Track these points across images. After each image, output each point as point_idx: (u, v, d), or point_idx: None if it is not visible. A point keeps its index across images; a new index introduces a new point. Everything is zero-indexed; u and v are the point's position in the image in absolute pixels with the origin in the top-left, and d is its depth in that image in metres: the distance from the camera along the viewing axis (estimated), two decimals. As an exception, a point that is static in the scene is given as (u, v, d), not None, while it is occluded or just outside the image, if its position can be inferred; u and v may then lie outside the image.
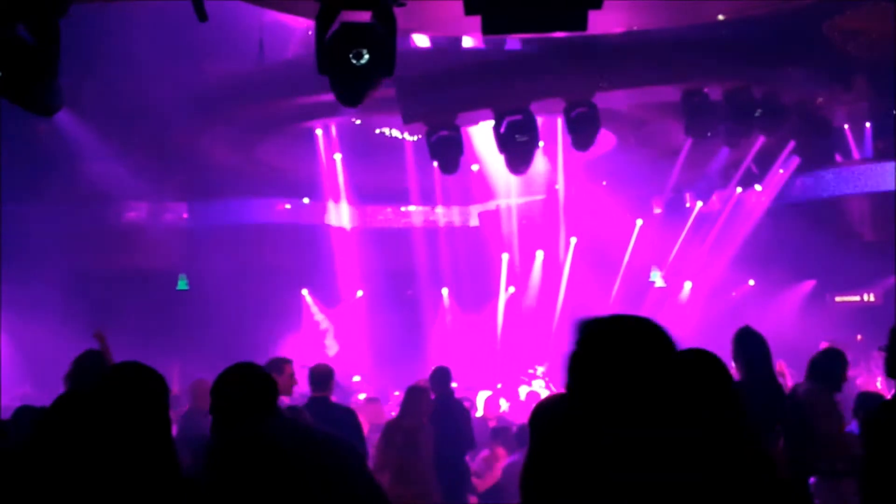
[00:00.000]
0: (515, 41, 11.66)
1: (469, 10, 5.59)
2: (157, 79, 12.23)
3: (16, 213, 14.03)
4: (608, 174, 17.76)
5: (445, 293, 19.57)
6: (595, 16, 5.69)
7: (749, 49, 11.55)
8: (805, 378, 6.23)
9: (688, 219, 18.59)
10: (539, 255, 19.65)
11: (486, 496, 8.75)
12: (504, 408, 12.74)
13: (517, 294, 19.51)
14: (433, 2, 8.07)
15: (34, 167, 14.12)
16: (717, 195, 18.48)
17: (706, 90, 11.91)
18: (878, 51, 12.13)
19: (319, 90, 8.84)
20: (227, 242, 17.30)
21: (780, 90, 12.56)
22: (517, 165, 11.49)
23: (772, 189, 17.50)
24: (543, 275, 19.59)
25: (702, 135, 12.40)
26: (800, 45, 11.88)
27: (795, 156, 16.28)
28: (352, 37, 5.78)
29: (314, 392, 7.08)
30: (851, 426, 6.38)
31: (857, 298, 18.13)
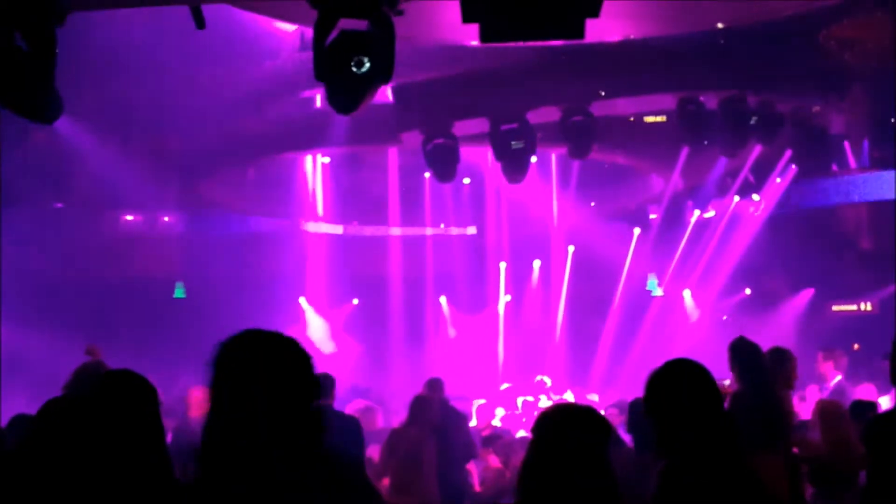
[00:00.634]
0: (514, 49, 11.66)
1: (467, 18, 5.59)
2: (155, 86, 12.22)
3: (9, 220, 13.93)
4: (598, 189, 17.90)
5: (444, 301, 19.54)
6: (593, 24, 5.70)
7: (745, 58, 11.56)
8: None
9: (685, 228, 18.59)
10: (536, 265, 19.64)
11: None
12: (498, 418, 12.68)
13: (514, 303, 19.47)
14: (431, 9, 8.08)
15: (28, 173, 14.03)
16: (715, 205, 18.48)
17: (701, 98, 11.93)
18: (875, 60, 12.15)
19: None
20: (225, 251, 17.26)
21: (776, 99, 12.58)
22: (513, 173, 11.50)
23: (768, 198, 17.49)
24: (541, 284, 19.58)
25: (697, 143, 12.42)
26: (796, 54, 11.90)
27: (792, 165, 16.29)
28: (353, 44, 5.80)
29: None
30: None
31: (854, 308, 18.10)
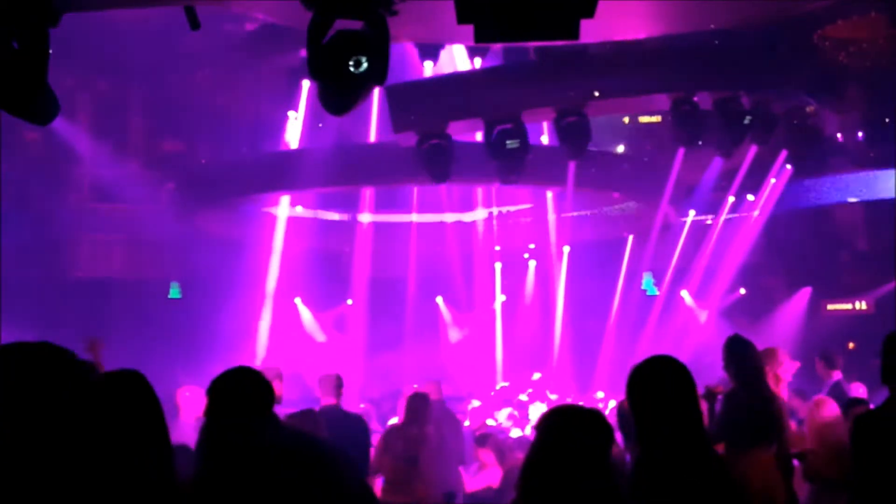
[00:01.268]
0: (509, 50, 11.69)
1: (461, 19, 5.60)
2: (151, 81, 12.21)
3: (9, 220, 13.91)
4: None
5: (440, 301, 19.54)
6: (587, 25, 5.71)
7: (740, 58, 11.58)
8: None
9: (682, 228, 18.62)
10: (532, 265, 19.65)
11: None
12: (505, 417, 12.71)
13: (510, 303, 19.48)
14: (425, 10, 8.08)
15: (21, 171, 14.00)
16: (712, 205, 18.51)
17: (696, 99, 11.94)
18: (869, 60, 12.18)
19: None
20: (220, 250, 17.23)
21: (771, 99, 12.60)
22: (508, 173, 11.49)
23: (765, 198, 17.53)
24: (537, 284, 19.59)
25: (692, 143, 12.43)
26: (790, 55, 11.93)
27: (788, 165, 16.32)
28: (351, 44, 5.80)
29: (325, 399, 7.14)
30: None
31: (850, 307, 18.15)
